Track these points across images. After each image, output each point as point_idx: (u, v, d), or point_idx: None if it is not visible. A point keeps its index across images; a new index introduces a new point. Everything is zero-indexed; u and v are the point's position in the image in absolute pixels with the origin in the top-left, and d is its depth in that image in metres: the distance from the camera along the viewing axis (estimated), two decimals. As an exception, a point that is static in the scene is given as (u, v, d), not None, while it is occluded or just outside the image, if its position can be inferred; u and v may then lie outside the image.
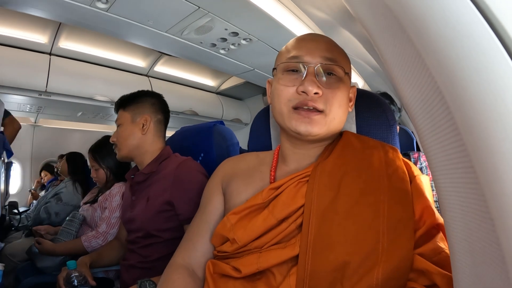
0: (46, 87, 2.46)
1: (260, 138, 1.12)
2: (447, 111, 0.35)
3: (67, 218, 1.92)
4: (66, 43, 2.57)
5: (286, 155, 0.85)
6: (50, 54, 2.58)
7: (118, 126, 1.40)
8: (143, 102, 1.44)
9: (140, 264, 1.27)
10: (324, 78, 0.74)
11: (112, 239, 1.67)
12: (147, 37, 1.96)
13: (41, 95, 2.47)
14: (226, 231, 0.76)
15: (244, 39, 2.10)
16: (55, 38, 2.43)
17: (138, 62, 3.17)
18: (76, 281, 1.22)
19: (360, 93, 0.98)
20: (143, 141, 1.38)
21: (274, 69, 0.83)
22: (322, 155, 0.80)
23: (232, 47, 2.21)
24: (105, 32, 1.83)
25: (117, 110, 1.44)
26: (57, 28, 2.36)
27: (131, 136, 1.37)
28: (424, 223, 0.66)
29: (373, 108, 0.96)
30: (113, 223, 1.74)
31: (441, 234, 0.65)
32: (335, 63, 0.75)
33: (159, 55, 3.08)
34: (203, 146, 1.53)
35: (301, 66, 0.75)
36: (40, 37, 2.42)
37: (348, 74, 0.79)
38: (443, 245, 0.63)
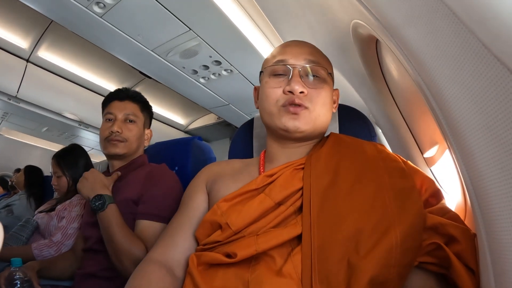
0: (17, 92, 2.41)
1: (242, 149, 1.16)
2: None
3: (19, 223, 1.78)
4: (46, 54, 2.57)
5: (273, 155, 0.87)
6: (27, 60, 2.55)
7: (130, 121, 1.34)
8: (151, 115, 1.48)
9: (102, 272, 1.16)
10: (308, 79, 0.80)
11: (66, 250, 1.54)
12: (132, 53, 2.01)
13: (10, 99, 2.41)
14: (217, 217, 0.72)
15: (225, 70, 2.20)
16: (35, 45, 2.43)
17: (113, 87, 3.18)
18: (19, 283, 1.07)
19: (342, 107, 1.07)
20: (140, 148, 1.41)
21: (261, 72, 0.89)
22: (314, 148, 0.83)
23: (212, 76, 2.30)
24: (93, 39, 1.87)
25: (131, 101, 1.38)
26: (39, 36, 2.38)
27: (141, 138, 1.39)
28: (426, 190, 0.70)
29: (355, 121, 1.04)
30: (70, 234, 1.62)
31: (444, 199, 0.70)
32: (318, 64, 0.82)
33: (135, 83, 3.12)
34: (179, 159, 1.53)
35: (287, 68, 0.81)
36: (21, 42, 2.41)
37: (331, 75, 0.85)
38: (448, 207, 0.68)
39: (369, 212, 0.64)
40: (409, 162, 0.78)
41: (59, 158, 1.90)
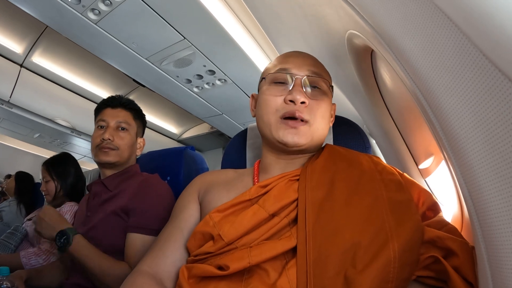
0: (10, 97, 2.39)
1: (235, 159, 1.15)
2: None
3: (8, 231, 1.75)
4: (40, 59, 2.54)
5: (268, 165, 0.86)
6: (21, 65, 2.53)
7: (122, 129, 1.32)
8: (144, 123, 1.46)
9: (89, 283, 1.13)
10: (310, 90, 0.80)
11: (55, 260, 1.50)
12: (126, 61, 2.00)
13: (3, 104, 2.39)
14: (209, 228, 0.70)
15: (219, 79, 2.20)
16: (30, 51, 2.41)
17: (106, 95, 3.14)
18: (5, 292, 1.07)
19: (336, 118, 1.06)
20: (132, 157, 1.39)
21: (263, 78, 0.87)
22: (309, 160, 0.82)
23: (206, 86, 2.30)
24: (87, 46, 1.86)
25: (123, 108, 1.36)
26: (34, 42, 2.36)
27: (133, 146, 1.37)
28: (423, 203, 0.69)
29: (349, 132, 1.03)
30: None
31: (441, 212, 0.69)
32: (320, 76, 0.81)
33: (128, 91, 3.10)
34: (171, 168, 1.51)
35: (289, 77, 0.80)
36: (16, 46, 2.39)
37: (332, 88, 0.85)
38: (446, 219, 0.67)
39: (366, 225, 0.62)
40: (405, 174, 0.77)
41: (49, 164, 1.88)
